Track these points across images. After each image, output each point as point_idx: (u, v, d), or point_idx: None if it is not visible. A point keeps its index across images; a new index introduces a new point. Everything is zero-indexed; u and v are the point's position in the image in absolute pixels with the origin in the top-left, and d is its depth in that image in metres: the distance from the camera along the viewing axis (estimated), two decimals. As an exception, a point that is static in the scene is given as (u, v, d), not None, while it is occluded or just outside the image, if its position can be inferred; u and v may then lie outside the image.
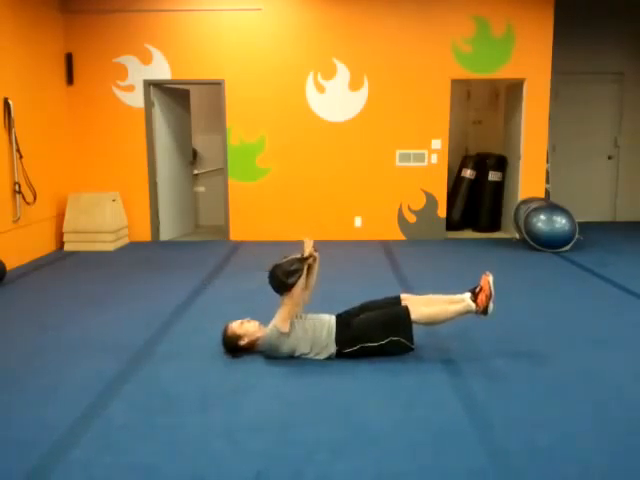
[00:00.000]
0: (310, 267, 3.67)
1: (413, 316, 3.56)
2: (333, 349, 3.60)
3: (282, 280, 3.47)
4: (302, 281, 3.53)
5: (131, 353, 3.79)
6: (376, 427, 2.81)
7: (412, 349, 3.62)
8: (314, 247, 3.66)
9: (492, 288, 3.55)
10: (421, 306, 3.62)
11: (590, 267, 6.08)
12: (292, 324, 3.57)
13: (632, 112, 9.12)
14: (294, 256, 3.60)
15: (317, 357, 3.61)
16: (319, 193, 7.80)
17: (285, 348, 3.58)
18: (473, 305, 3.55)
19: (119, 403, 3.08)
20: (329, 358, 3.61)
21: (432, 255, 6.92)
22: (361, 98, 7.65)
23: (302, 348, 3.59)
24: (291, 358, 3.61)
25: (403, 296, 3.80)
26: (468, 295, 3.61)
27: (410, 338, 3.58)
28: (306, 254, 3.60)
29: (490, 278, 3.58)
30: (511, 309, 4.54)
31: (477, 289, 3.60)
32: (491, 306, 3.54)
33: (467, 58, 7.57)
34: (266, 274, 3.57)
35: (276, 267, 3.52)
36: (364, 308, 3.77)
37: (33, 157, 6.69)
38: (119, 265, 6.43)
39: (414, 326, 3.59)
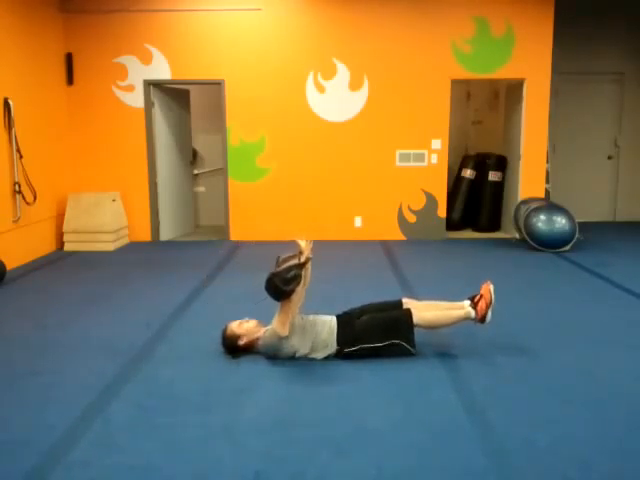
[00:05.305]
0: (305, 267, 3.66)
1: (414, 320, 3.59)
2: (333, 349, 3.61)
3: (281, 288, 3.36)
4: (300, 286, 3.47)
5: (131, 353, 3.79)
6: (376, 427, 2.81)
7: (413, 354, 3.63)
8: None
9: (492, 296, 3.63)
10: (422, 311, 3.66)
11: (590, 267, 6.08)
12: (292, 325, 3.54)
13: (632, 112, 9.13)
14: (292, 262, 3.47)
15: (316, 356, 3.62)
16: (319, 193, 7.80)
17: (285, 351, 3.59)
18: (473, 312, 3.62)
19: (119, 403, 3.08)
20: (327, 357, 3.62)
21: (432, 255, 6.92)
22: (361, 98, 7.65)
23: (302, 349, 3.60)
24: (291, 358, 3.61)
25: (405, 300, 3.82)
26: (468, 302, 3.69)
27: (411, 342, 3.60)
28: (303, 259, 3.48)
29: (491, 287, 3.66)
30: (511, 309, 4.54)
31: (477, 297, 3.67)
32: (489, 314, 3.62)
33: (467, 58, 7.57)
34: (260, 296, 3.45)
35: (274, 276, 3.39)
36: (365, 310, 3.78)
37: (33, 157, 6.69)
38: (119, 265, 6.43)
39: (415, 329, 3.61)
